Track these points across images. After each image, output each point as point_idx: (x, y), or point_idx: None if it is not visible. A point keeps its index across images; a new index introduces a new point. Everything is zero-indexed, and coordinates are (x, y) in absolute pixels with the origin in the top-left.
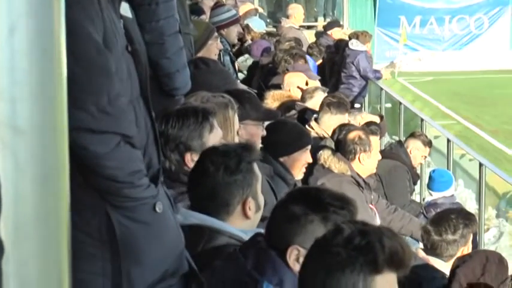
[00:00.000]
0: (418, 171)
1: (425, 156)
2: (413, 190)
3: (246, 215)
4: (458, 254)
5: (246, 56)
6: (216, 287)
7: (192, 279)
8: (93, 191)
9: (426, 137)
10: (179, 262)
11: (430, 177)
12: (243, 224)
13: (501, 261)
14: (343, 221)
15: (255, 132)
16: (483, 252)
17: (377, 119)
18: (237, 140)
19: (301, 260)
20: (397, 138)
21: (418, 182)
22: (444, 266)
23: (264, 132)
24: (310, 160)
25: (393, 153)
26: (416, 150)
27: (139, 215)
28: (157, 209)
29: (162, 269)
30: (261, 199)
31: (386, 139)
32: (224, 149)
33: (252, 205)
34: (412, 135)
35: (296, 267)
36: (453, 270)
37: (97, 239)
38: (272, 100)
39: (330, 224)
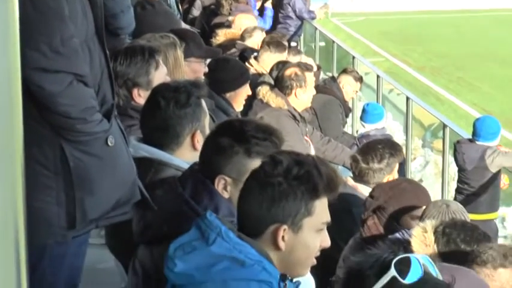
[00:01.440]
0: (350, 105)
1: (357, 91)
2: (346, 122)
3: (194, 147)
4: (385, 182)
5: None
6: (158, 215)
7: (144, 206)
8: (49, 126)
9: (357, 73)
10: (131, 191)
11: (364, 110)
12: (191, 155)
13: (423, 191)
14: (276, 152)
15: (198, 69)
16: (406, 181)
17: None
18: (185, 77)
19: (228, 188)
20: (330, 75)
21: (350, 114)
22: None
23: (206, 69)
24: (250, 92)
25: (327, 88)
26: (348, 86)
27: (92, 148)
28: (109, 142)
29: (114, 198)
30: (207, 132)
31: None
32: (175, 85)
33: (200, 138)
34: (344, 71)
35: (224, 194)
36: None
37: (52, 171)
38: (224, 37)
39: (254, 154)
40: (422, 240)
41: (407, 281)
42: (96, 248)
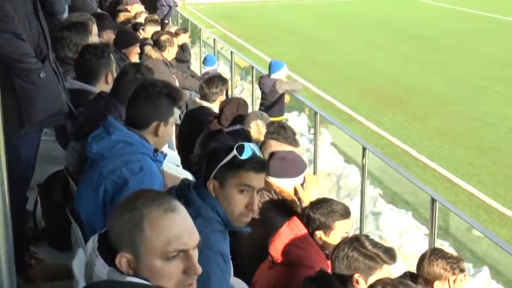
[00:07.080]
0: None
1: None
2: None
3: (107, 82)
4: (218, 100)
5: None
6: (84, 120)
7: (71, 116)
8: (4, 67)
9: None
10: (60, 107)
11: (205, 58)
12: (105, 87)
13: (246, 104)
14: (150, 80)
15: (111, 36)
16: (237, 99)
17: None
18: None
19: None
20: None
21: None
22: (210, 105)
23: (113, 36)
24: (139, 51)
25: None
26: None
27: (30, 79)
28: (41, 75)
29: (47, 110)
30: (115, 74)
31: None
32: (94, 45)
33: (110, 77)
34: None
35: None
36: (221, 109)
37: (9, 92)
38: (123, 17)
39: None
40: (257, 131)
41: (243, 157)
42: (50, 142)
